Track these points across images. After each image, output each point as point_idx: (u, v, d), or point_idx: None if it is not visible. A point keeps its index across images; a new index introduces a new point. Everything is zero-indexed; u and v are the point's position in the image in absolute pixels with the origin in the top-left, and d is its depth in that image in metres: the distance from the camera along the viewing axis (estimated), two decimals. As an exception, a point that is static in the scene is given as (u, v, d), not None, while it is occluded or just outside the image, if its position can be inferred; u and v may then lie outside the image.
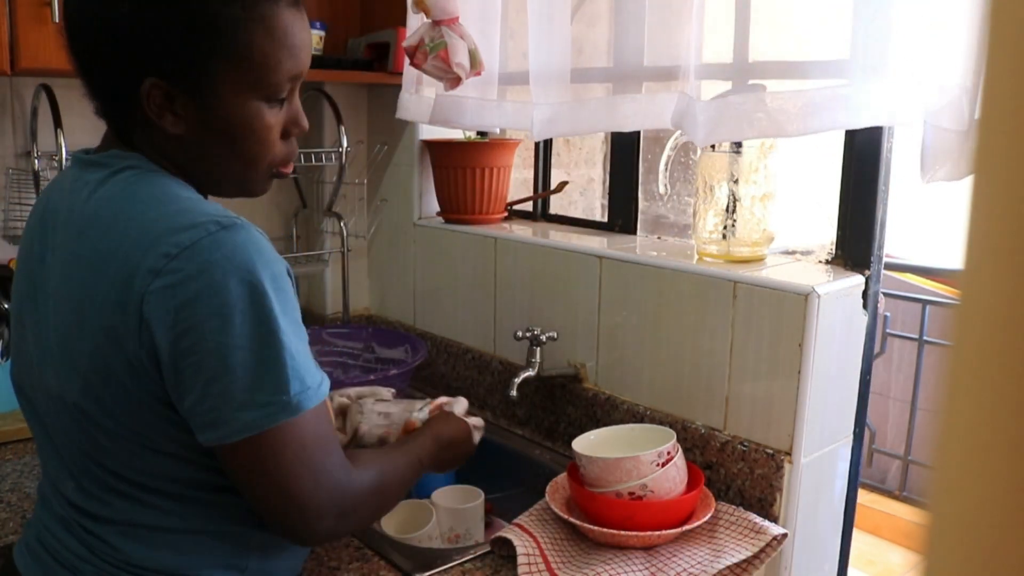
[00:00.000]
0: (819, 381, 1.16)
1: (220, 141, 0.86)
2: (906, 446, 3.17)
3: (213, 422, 0.78)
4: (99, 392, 0.81)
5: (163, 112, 0.83)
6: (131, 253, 0.77)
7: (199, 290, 0.75)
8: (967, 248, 0.26)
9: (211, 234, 0.77)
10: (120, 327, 0.78)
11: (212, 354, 0.76)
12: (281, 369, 0.78)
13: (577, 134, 1.72)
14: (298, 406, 0.79)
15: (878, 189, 1.22)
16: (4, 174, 1.59)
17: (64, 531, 0.88)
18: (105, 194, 0.83)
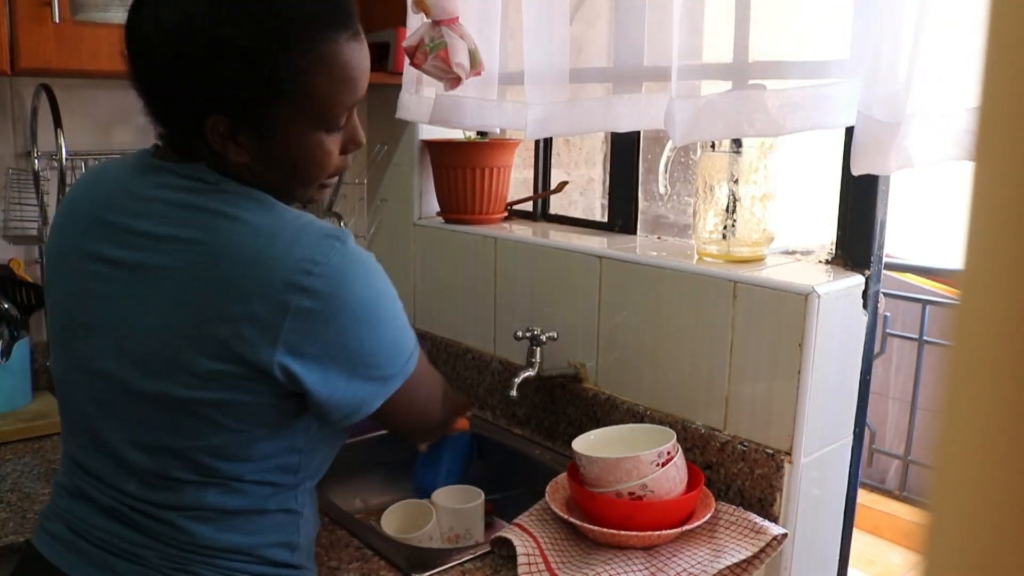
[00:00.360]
0: (819, 381, 1.16)
1: (282, 169, 0.91)
2: (906, 446, 3.17)
3: (357, 407, 0.90)
4: (215, 388, 0.84)
5: (226, 143, 0.86)
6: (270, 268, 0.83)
7: (338, 300, 0.84)
8: (967, 248, 0.26)
9: (337, 249, 0.85)
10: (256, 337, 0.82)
11: (356, 352, 0.87)
12: (397, 347, 0.92)
13: (572, 134, 1.73)
14: (406, 371, 0.93)
15: (878, 189, 1.22)
16: (4, 174, 1.59)
17: (112, 522, 0.90)
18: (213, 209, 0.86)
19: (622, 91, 1.38)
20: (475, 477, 1.53)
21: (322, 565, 1.09)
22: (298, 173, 0.92)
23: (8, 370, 1.53)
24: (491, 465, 1.52)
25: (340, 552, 1.12)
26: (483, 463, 1.54)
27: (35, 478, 1.32)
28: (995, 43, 0.25)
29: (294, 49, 0.84)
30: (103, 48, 1.36)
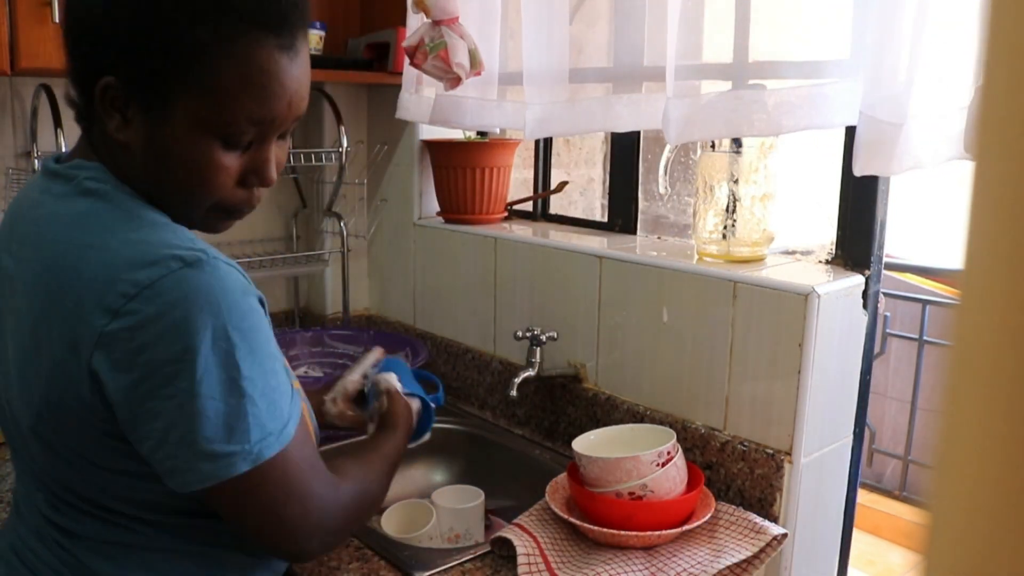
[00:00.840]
0: (819, 381, 1.16)
1: (160, 165, 0.79)
2: (906, 446, 3.17)
3: (172, 470, 0.75)
4: (54, 423, 0.78)
5: (111, 113, 0.78)
6: (90, 287, 0.73)
7: (159, 333, 0.71)
8: (967, 248, 0.26)
9: (172, 272, 0.72)
10: (73, 366, 0.74)
11: (170, 400, 0.72)
12: (242, 418, 0.74)
13: (572, 134, 1.73)
14: (259, 455, 0.75)
15: (878, 189, 1.22)
16: (4, 174, 1.59)
17: (38, 542, 0.87)
18: (66, 216, 0.79)
19: (622, 91, 1.38)
20: (475, 477, 1.53)
21: (322, 565, 1.09)
22: (176, 177, 0.79)
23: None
24: (491, 465, 1.52)
25: (340, 552, 1.12)
26: (483, 463, 1.54)
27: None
28: (995, 43, 0.25)
29: (203, 27, 0.75)
30: (103, 48, 1.36)
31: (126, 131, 0.79)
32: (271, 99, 0.79)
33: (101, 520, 0.83)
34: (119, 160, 0.82)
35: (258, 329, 0.76)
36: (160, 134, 0.78)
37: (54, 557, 0.85)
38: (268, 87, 0.78)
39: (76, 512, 0.83)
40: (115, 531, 0.83)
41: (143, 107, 0.78)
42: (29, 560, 0.87)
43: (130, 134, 0.79)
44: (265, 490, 0.77)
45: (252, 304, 0.77)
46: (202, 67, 0.76)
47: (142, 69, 0.76)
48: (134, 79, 0.77)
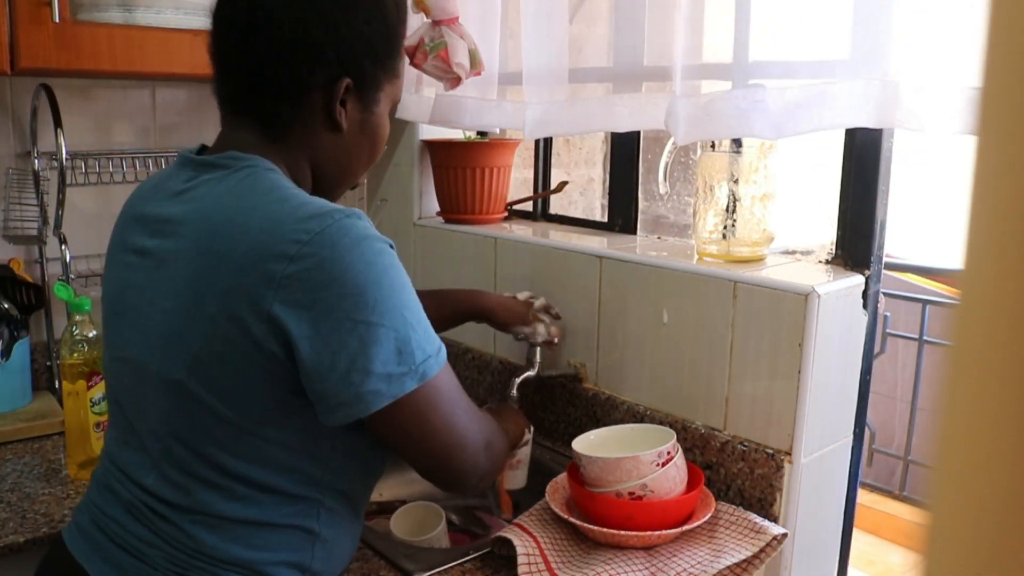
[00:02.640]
0: (819, 381, 1.16)
1: (366, 142, 0.98)
2: (906, 446, 3.17)
3: (351, 399, 0.82)
4: (213, 373, 0.84)
5: (342, 110, 0.93)
6: (259, 239, 0.81)
7: (333, 273, 0.80)
8: (967, 248, 0.26)
9: (337, 221, 0.82)
10: (247, 312, 0.81)
11: (349, 332, 0.81)
12: (408, 343, 0.84)
13: (571, 134, 1.73)
14: (424, 374, 0.85)
15: (878, 189, 1.22)
16: (4, 174, 1.59)
17: (129, 517, 0.90)
18: (226, 188, 0.88)
19: (622, 91, 1.38)
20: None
21: (322, 565, 1.09)
22: (374, 149, 1.00)
23: (8, 370, 1.53)
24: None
25: (340, 552, 1.12)
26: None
27: (35, 478, 1.32)
28: (995, 44, 0.25)
29: (404, 27, 0.99)
30: (103, 48, 1.36)
31: (343, 120, 0.94)
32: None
33: (215, 489, 0.87)
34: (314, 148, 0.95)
35: (401, 268, 0.87)
36: (370, 117, 0.97)
37: (149, 531, 0.89)
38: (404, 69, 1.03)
39: (191, 481, 0.87)
40: (226, 503, 0.87)
41: (361, 99, 0.95)
42: (116, 533, 0.90)
43: (345, 122, 0.94)
44: (432, 407, 0.87)
45: (393, 249, 0.88)
46: (399, 60, 0.99)
47: (373, 68, 0.94)
48: (364, 76, 0.94)
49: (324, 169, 0.97)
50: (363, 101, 0.95)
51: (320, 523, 0.93)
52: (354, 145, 0.97)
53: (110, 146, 1.69)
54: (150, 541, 0.89)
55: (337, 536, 0.96)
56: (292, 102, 0.92)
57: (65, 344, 1.31)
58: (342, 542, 0.97)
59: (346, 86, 0.92)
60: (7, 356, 1.52)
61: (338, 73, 0.92)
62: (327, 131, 0.94)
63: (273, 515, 0.89)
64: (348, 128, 0.95)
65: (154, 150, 1.71)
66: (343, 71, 0.92)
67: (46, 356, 1.65)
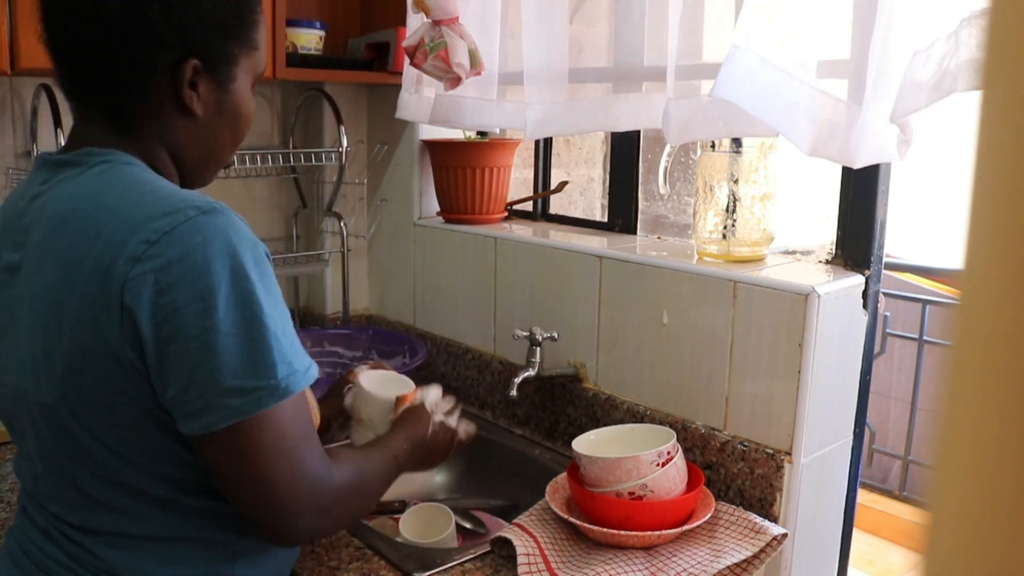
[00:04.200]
0: (819, 381, 1.16)
1: (227, 123, 0.91)
2: (906, 446, 3.17)
3: (199, 410, 0.76)
4: (79, 391, 0.79)
5: (192, 94, 0.87)
6: (110, 242, 0.76)
7: (181, 274, 0.74)
8: (967, 248, 0.26)
9: (191, 219, 0.76)
10: (102, 319, 0.76)
11: (196, 339, 0.74)
12: (267, 352, 0.76)
13: (572, 134, 1.73)
14: (286, 390, 0.78)
15: (878, 189, 1.22)
16: (4, 174, 1.59)
17: (46, 540, 0.87)
18: (79, 189, 0.82)
19: (622, 91, 1.38)
20: (475, 477, 1.53)
21: (322, 565, 1.09)
22: (237, 129, 0.93)
23: None
24: (491, 465, 1.52)
25: (340, 552, 1.12)
26: (483, 463, 1.54)
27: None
28: (996, 44, 0.25)
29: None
30: (103, 48, 1.36)
31: (199, 106, 0.88)
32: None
33: (115, 510, 0.84)
34: (171, 137, 0.88)
35: (270, 273, 0.80)
36: (227, 98, 0.90)
37: (63, 553, 0.86)
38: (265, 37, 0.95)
39: (90, 503, 0.84)
40: (129, 522, 0.84)
41: (214, 80, 0.88)
42: (38, 558, 0.88)
43: (201, 108, 0.88)
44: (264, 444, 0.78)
45: (263, 252, 0.81)
46: (255, 31, 0.91)
47: (221, 43, 0.87)
48: (213, 54, 0.87)
49: (185, 155, 0.90)
50: (217, 80, 0.88)
51: (231, 532, 0.88)
52: (214, 127, 0.90)
53: (110, 146, 1.69)
54: (65, 564, 0.86)
55: (257, 541, 0.90)
56: (136, 92, 0.85)
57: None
58: (271, 547, 0.92)
59: (193, 67, 0.85)
60: None
61: (182, 55, 0.84)
62: (180, 117, 0.87)
63: (181, 529, 0.85)
64: (204, 110, 0.88)
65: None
66: (188, 52, 0.84)
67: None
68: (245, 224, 0.81)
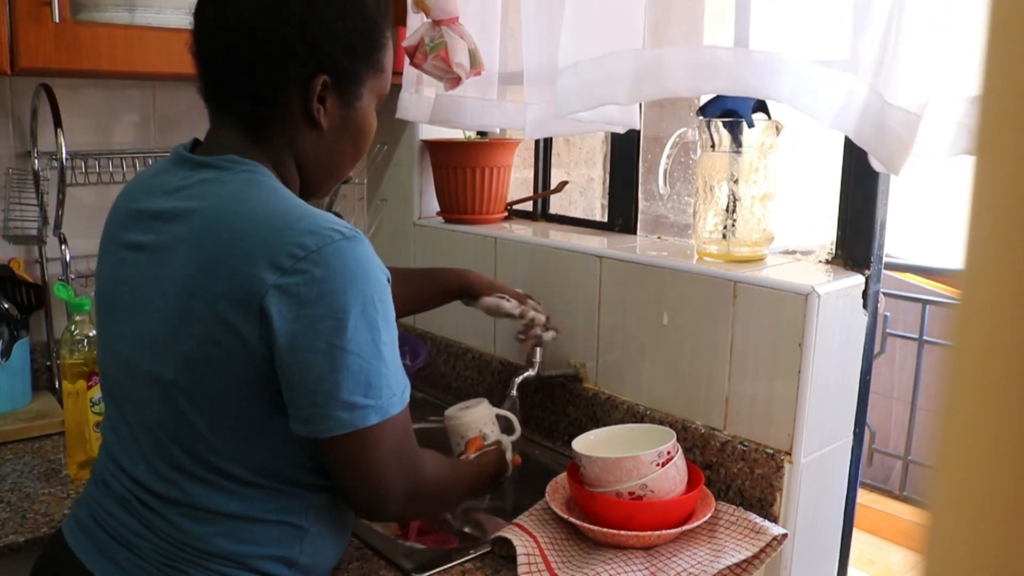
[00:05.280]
0: (819, 381, 1.16)
1: (350, 137, 0.98)
2: (906, 446, 3.17)
3: (311, 417, 0.84)
4: (203, 375, 0.85)
5: (320, 108, 0.93)
6: (255, 248, 0.82)
7: (321, 293, 0.81)
8: (967, 248, 0.26)
9: (335, 242, 0.82)
10: (238, 316, 0.82)
11: (323, 353, 0.82)
12: (379, 377, 0.85)
13: (571, 134, 1.73)
14: (387, 410, 0.86)
15: (878, 189, 1.22)
16: (4, 174, 1.59)
17: (122, 510, 0.91)
18: (227, 193, 0.88)
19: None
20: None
21: (322, 565, 1.09)
22: (359, 145, 0.99)
23: (8, 370, 1.52)
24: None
25: (340, 552, 1.12)
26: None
27: (35, 478, 1.32)
28: (996, 44, 0.25)
29: (388, 22, 0.98)
30: (103, 48, 1.36)
31: (324, 120, 0.94)
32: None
33: (203, 483, 0.88)
34: (297, 147, 0.94)
35: (390, 302, 0.87)
36: (353, 115, 0.96)
37: (139, 523, 0.90)
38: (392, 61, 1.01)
39: (180, 475, 0.88)
40: (213, 496, 0.88)
41: (341, 95, 0.94)
42: (110, 526, 0.92)
43: (327, 121, 0.94)
44: (381, 445, 0.87)
45: (386, 279, 0.88)
46: (383, 54, 0.97)
47: (350, 63, 0.93)
48: (342, 72, 0.93)
49: (309, 167, 0.97)
50: (343, 97, 0.94)
51: (308, 519, 0.93)
52: (337, 142, 0.97)
53: (110, 146, 1.69)
54: (141, 533, 0.90)
55: (326, 532, 0.96)
56: (269, 101, 0.92)
57: (65, 344, 1.30)
58: (332, 537, 0.98)
59: (323, 83, 0.91)
60: (7, 356, 1.52)
61: (313, 70, 0.91)
62: (308, 129, 0.94)
63: (260, 510, 0.90)
64: (329, 125, 0.94)
65: (154, 150, 1.71)
66: (318, 68, 0.91)
67: (46, 356, 1.65)
68: (373, 251, 0.87)
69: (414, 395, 1.74)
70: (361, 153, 1.01)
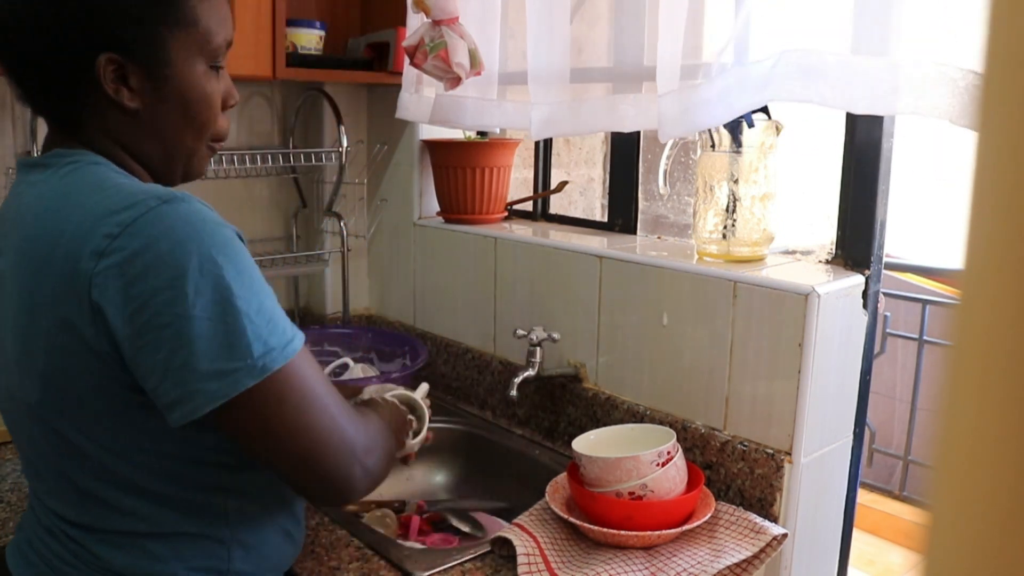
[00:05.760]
0: (819, 381, 1.16)
1: (175, 110, 0.86)
2: (906, 446, 3.17)
3: (180, 398, 0.76)
4: (62, 389, 0.80)
5: (119, 88, 0.83)
6: (73, 240, 0.76)
7: (147, 265, 0.74)
8: (967, 248, 0.26)
9: (152, 209, 0.75)
10: (74, 316, 0.76)
11: (169, 327, 0.74)
12: (241, 334, 0.75)
13: (575, 134, 1.73)
14: (264, 368, 0.77)
15: (878, 189, 1.22)
16: (4, 174, 1.59)
17: (50, 538, 0.89)
18: (44, 190, 0.83)
19: (622, 91, 1.38)
20: (475, 478, 1.53)
21: (322, 565, 1.09)
22: (189, 114, 0.87)
23: (8, 370, 1.52)
24: (491, 465, 1.52)
25: (340, 552, 1.12)
26: (484, 463, 1.54)
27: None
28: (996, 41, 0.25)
29: None
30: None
31: (134, 99, 0.84)
32: (228, 21, 0.90)
33: (107, 507, 0.84)
34: (118, 133, 0.86)
35: (241, 253, 0.78)
36: (166, 84, 0.85)
37: (66, 550, 0.87)
38: (225, 12, 0.89)
39: (83, 500, 0.85)
40: (125, 519, 0.85)
41: (144, 66, 0.83)
42: (44, 554, 0.89)
43: (138, 100, 0.84)
44: (282, 405, 0.78)
45: (230, 233, 0.79)
46: (184, 6, 0.84)
47: (136, 29, 0.82)
48: (130, 43, 0.82)
49: (142, 152, 0.87)
50: (147, 68, 0.83)
51: (230, 527, 0.89)
52: (160, 117, 0.86)
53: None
54: (68, 561, 0.87)
55: (260, 536, 0.92)
56: (64, 96, 0.83)
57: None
58: (270, 540, 0.93)
59: (110, 60, 0.81)
60: None
61: (92, 53, 0.80)
62: (121, 114, 0.84)
63: (176, 526, 0.86)
64: (142, 102, 0.84)
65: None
66: (97, 47, 0.80)
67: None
68: (210, 209, 0.80)
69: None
70: (200, 122, 0.88)
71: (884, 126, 1.20)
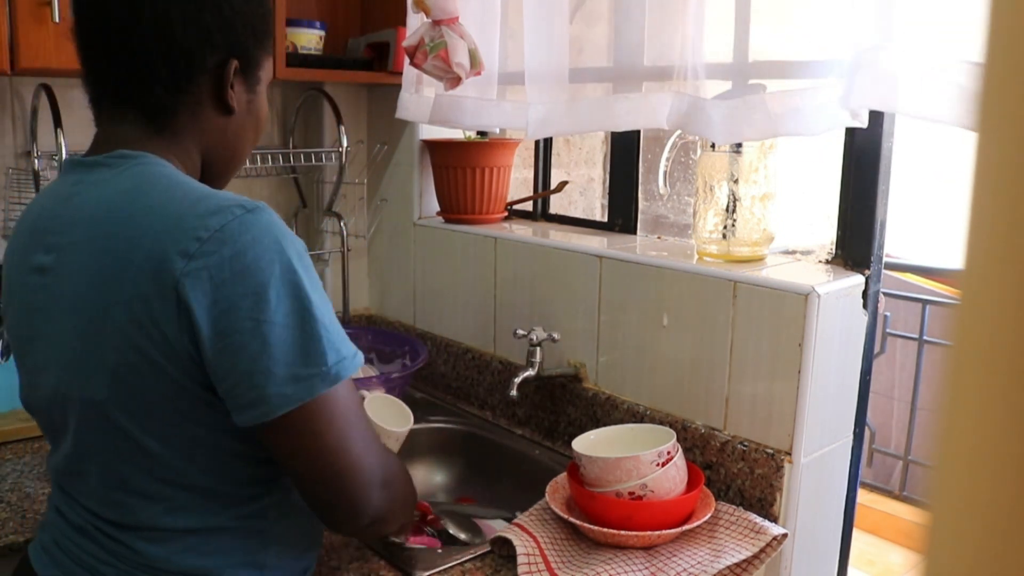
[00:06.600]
0: (819, 381, 1.16)
1: (251, 123, 0.98)
2: (906, 446, 3.17)
3: (254, 401, 0.79)
4: (132, 386, 0.81)
5: (232, 92, 0.92)
6: (158, 240, 0.79)
7: (235, 271, 0.77)
8: (967, 248, 0.26)
9: (238, 217, 0.79)
10: (156, 314, 0.78)
11: (250, 332, 0.77)
12: (317, 342, 0.80)
13: (573, 133, 1.73)
14: (336, 376, 0.81)
15: (878, 189, 1.22)
16: (4, 174, 1.59)
17: (82, 537, 0.89)
18: (116, 190, 0.84)
19: (621, 91, 1.38)
20: (475, 478, 1.53)
21: (322, 565, 1.09)
22: (258, 129, 1.00)
23: (8, 370, 1.52)
24: (491, 465, 1.52)
25: (340, 552, 1.12)
26: (484, 463, 1.54)
27: (35, 478, 1.32)
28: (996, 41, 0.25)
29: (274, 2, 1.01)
30: (103, 48, 1.36)
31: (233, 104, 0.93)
32: None
33: (156, 502, 0.86)
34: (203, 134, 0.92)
35: (312, 268, 0.84)
36: (255, 97, 0.97)
37: (100, 548, 0.88)
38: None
39: (131, 498, 0.86)
40: (168, 516, 0.86)
41: (245, 81, 0.94)
42: (74, 553, 0.90)
43: (234, 107, 0.93)
44: (341, 417, 0.82)
45: (303, 245, 0.84)
46: (273, 38, 0.98)
47: (255, 47, 0.93)
48: (248, 56, 0.93)
49: (214, 154, 0.95)
50: (248, 82, 0.94)
51: (268, 520, 0.91)
52: (242, 127, 0.96)
53: (110, 146, 1.69)
54: (103, 559, 0.87)
55: (290, 528, 0.94)
56: (181, 89, 0.89)
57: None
58: (298, 532, 0.96)
59: (234, 68, 0.91)
60: (7, 356, 1.52)
61: (226, 55, 0.90)
62: (217, 115, 0.92)
63: (219, 520, 0.87)
64: (237, 110, 0.94)
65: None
66: (230, 53, 0.90)
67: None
68: (282, 221, 0.84)
69: (414, 395, 1.75)
70: (258, 138, 1.01)
71: (884, 126, 1.20)
